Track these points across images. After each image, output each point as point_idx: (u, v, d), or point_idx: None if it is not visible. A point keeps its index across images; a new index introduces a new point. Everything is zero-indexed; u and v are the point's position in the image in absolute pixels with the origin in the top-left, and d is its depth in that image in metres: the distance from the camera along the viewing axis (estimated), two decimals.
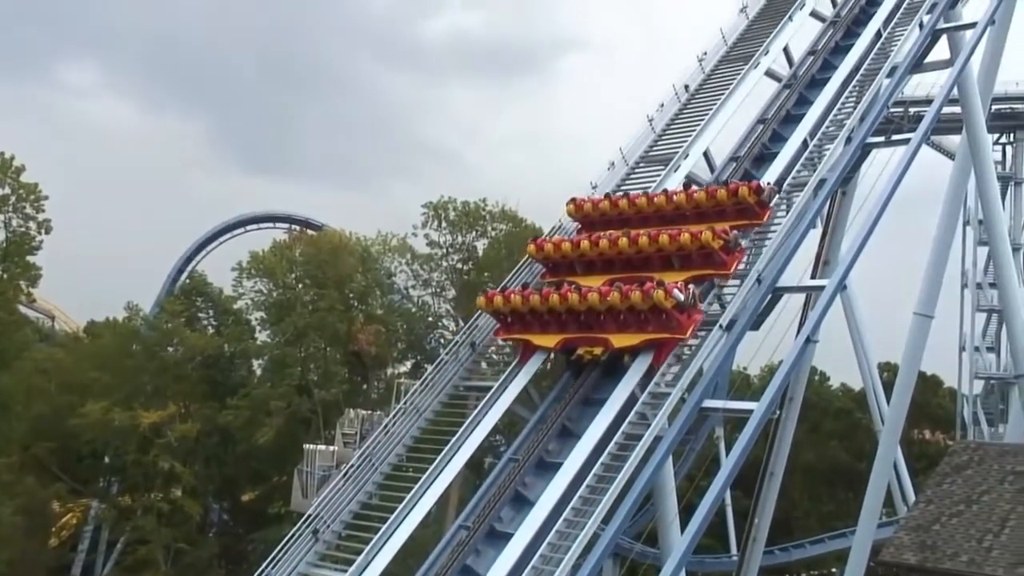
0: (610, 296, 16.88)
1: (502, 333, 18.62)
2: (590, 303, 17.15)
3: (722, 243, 17.40)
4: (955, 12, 22.95)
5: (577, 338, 17.50)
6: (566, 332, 17.64)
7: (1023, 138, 58.55)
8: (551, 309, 17.66)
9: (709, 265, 17.52)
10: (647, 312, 16.63)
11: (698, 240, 17.30)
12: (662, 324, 16.62)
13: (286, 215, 67.93)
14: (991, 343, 53.18)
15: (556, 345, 17.78)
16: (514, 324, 18.36)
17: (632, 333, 16.85)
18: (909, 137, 19.47)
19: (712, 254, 17.40)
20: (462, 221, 55.44)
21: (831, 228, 37.04)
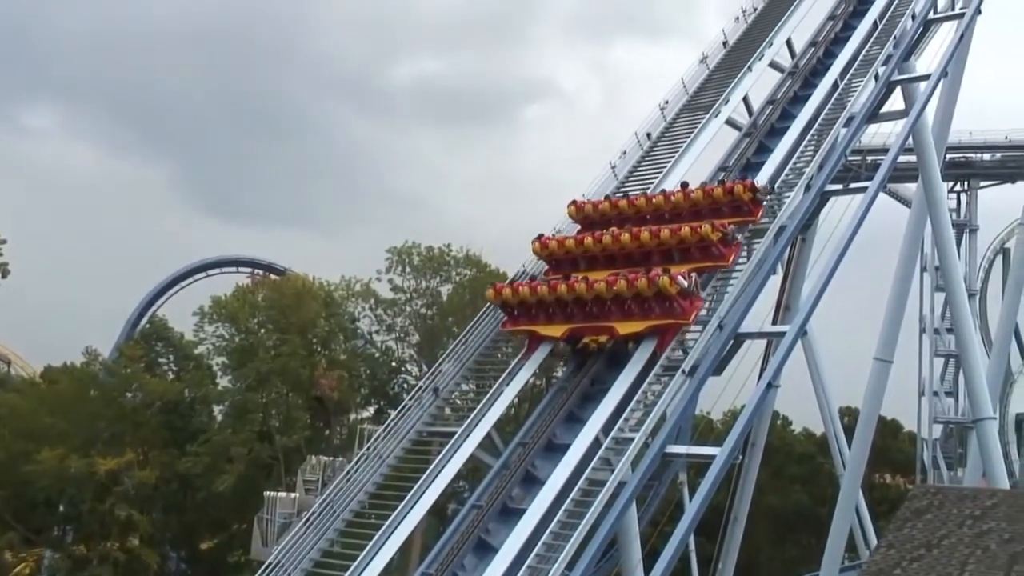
0: (616, 284, 17.44)
1: (509, 325, 19.11)
2: (597, 292, 17.68)
3: (720, 236, 18.11)
4: (909, 64, 23.49)
5: (583, 327, 18.06)
6: (572, 322, 18.20)
7: (977, 186, 59.89)
8: (558, 299, 18.18)
9: (708, 258, 18.22)
10: (652, 299, 17.22)
11: (698, 233, 18.07)
12: (666, 310, 17.27)
13: (249, 259, 67.60)
14: (949, 388, 53.82)
15: (562, 335, 18.25)
16: (520, 316, 18.95)
17: (637, 320, 17.43)
18: (866, 185, 19.81)
19: (710, 247, 18.11)
20: (426, 266, 55.41)
21: (791, 274, 37.54)
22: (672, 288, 17.07)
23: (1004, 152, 58.59)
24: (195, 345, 55.64)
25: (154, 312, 64.59)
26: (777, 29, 24.48)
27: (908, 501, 21.36)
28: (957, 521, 19.61)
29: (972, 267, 59.09)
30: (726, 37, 25.41)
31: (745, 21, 25.99)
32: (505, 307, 19.17)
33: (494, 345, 19.72)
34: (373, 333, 57.19)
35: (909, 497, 21.95)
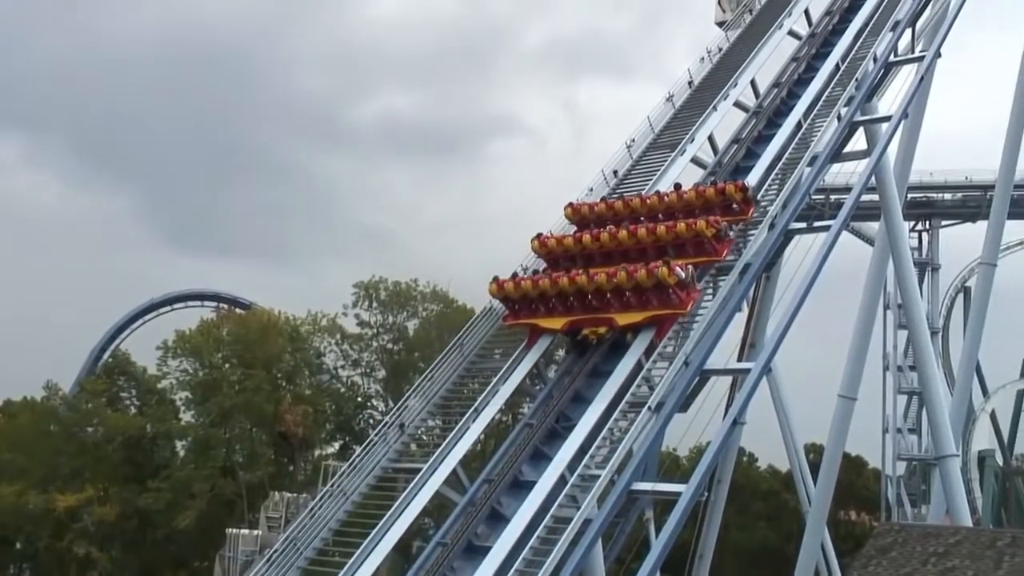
0: (617, 276, 17.94)
1: (510, 319, 19.58)
2: (598, 284, 18.18)
3: (714, 232, 18.70)
4: (871, 106, 23.83)
5: (583, 319, 18.50)
6: (572, 314, 18.67)
7: (938, 225, 60.75)
8: (559, 292, 18.59)
9: (702, 253, 18.81)
10: (650, 290, 17.78)
11: (693, 228, 18.57)
12: (664, 300, 17.82)
13: (214, 293, 67.22)
14: (912, 425, 54.28)
15: (563, 327, 18.67)
16: (522, 310, 19.32)
17: (636, 311, 17.99)
18: (830, 224, 19.99)
19: (705, 242, 18.60)
20: (393, 301, 55.35)
21: (756, 312, 37.81)
22: (671, 278, 17.60)
23: (964, 192, 59.53)
24: (158, 380, 55.12)
25: (117, 346, 64.00)
26: (741, 70, 24.80)
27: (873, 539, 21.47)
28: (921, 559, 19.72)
29: (934, 305, 59.83)
30: (691, 77, 25.72)
31: (710, 61, 26.34)
32: (507, 301, 19.56)
33: (461, 381, 19.69)
34: (339, 368, 56.97)
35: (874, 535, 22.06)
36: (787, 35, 25.92)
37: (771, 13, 26.79)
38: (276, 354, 53.40)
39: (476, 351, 19.99)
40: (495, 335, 20.24)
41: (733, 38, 26.92)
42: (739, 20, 27.91)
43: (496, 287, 19.61)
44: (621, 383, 17.22)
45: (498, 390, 18.65)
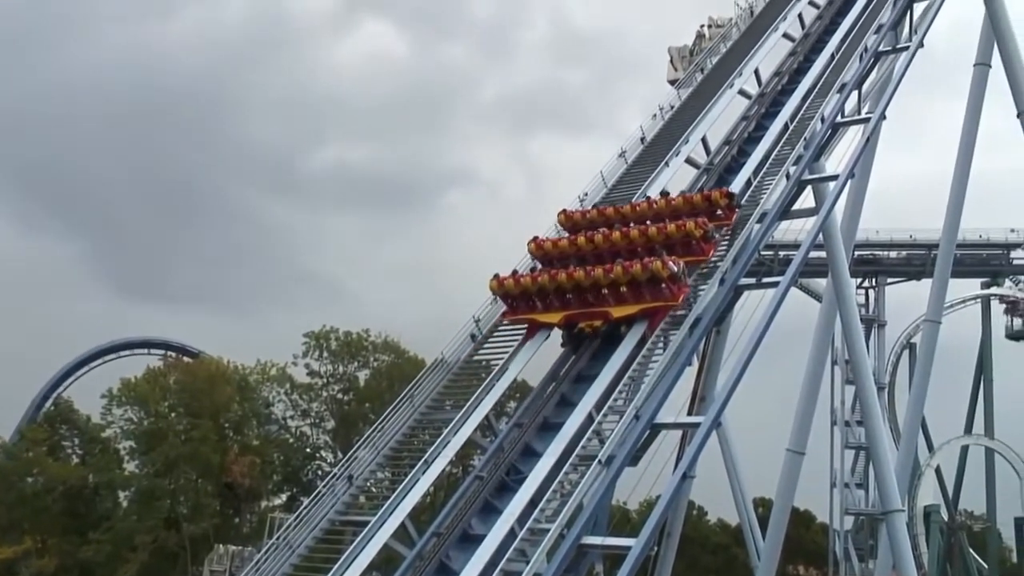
0: (613, 271, 18.84)
1: (509, 315, 20.29)
2: (595, 278, 19.00)
3: (702, 232, 19.61)
4: (819, 164, 24.29)
5: (579, 314, 19.33)
6: (568, 309, 19.49)
7: (884, 282, 61.88)
8: (557, 288, 19.46)
9: (690, 253, 19.55)
10: (644, 284, 18.67)
11: (683, 229, 19.53)
12: (657, 293, 18.72)
13: (162, 341, 66.31)
14: (860, 480, 54.70)
15: (560, 321, 19.48)
16: (520, 306, 20.05)
17: (630, 304, 18.83)
18: (778, 280, 20.26)
19: (693, 243, 19.54)
20: (344, 351, 55.11)
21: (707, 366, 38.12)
22: (664, 271, 18.51)
23: (909, 250, 60.81)
24: (102, 428, 54.17)
25: (60, 394, 62.73)
26: (693, 127, 25.16)
27: None
28: None
29: (881, 361, 60.76)
30: (644, 133, 26.03)
31: (662, 118, 26.70)
32: (506, 297, 20.29)
33: (411, 432, 19.55)
34: (288, 418, 56.48)
35: None
36: (737, 94, 26.41)
37: (722, 72, 27.29)
38: (224, 403, 52.80)
39: (427, 402, 19.88)
40: (447, 386, 20.17)
41: (685, 96, 27.31)
42: (691, 79, 28.33)
43: (496, 283, 20.28)
44: (571, 436, 17.21)
45: (449, 441, 18.55)
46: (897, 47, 27.49)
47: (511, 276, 20.27)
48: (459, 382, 19.96)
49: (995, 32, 36.85)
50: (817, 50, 27.42)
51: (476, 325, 20.75)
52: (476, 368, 20.11)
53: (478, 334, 20.47)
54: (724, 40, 29.61)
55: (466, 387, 19.68)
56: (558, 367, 19.60)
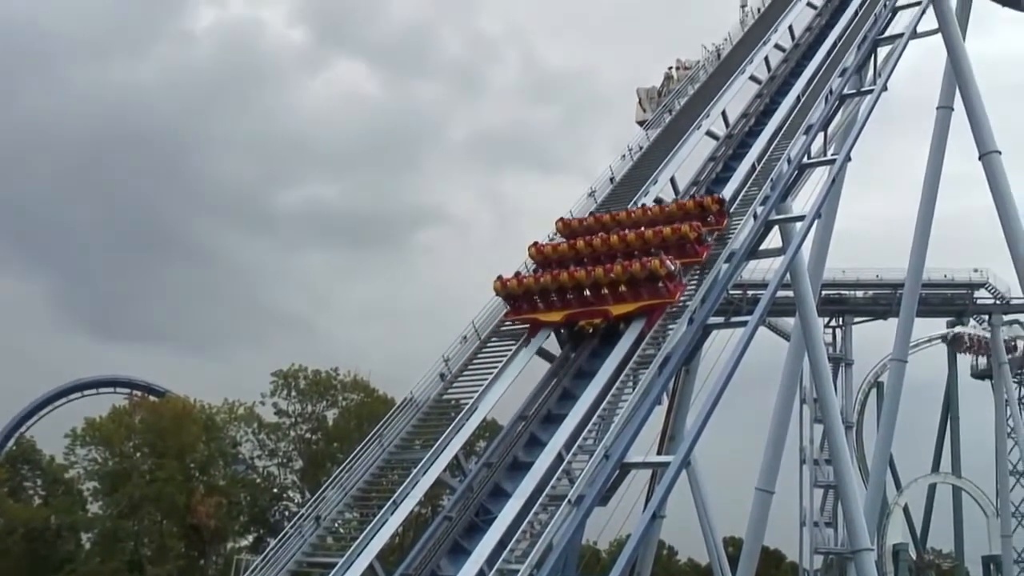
0: (613, 270, 19.58)
1: (512, 315, 20.88)
2: (596, 277, 19.77)
3: (696, 235, 20.48)
4: (786, 205, 24.55)
5: (579, 312, 20.00)
6: (569, 308, 20.18)
7: (851, 322, 62.40)
8: (559, 288, 20.21)
9: (684, 255, 20.34)
10: (642, 282, 19.43)
11: (678, 232, 20.39)
12: (655, 291, 19.45)
13: (127, 380, 65.50)
14: (829, 518, 54.74)
15: (561, 319, 20.13)
16: (522, 306, 20.68)
17: (629, 303, 19.54)
18: (747, 319, 20.40)
19: (687, 245, 20.37)
20: (312, 390, 54.73)
21: (676, 404, 38.18)
22: (662, 270, 19.30)
23: (875, 290, 61.41)
24: (65, 469, 53.37)
25: (22, 433, 61.75)
26: (661, 167, 25.35)
27: None
28: None
29: (848, 400, 61.14)
30: (613, 173, 26.20)
31: (631, 159, 26.90)
32: (509, 298, 20.91)
33: (380, 472, 19.40)
34: (255, 458, 55.82)
35: None
36: (705, 135, 26.68)
37: (690, 114, 27.58)
38: (190, 443, 52.20)
39: (396, 442, 19.75)
40: (416, 425, 20.06)
41: (653, 137, 27.58)
42: (659, 120, 28.61)
43: (500, 284, 20.91)
44: (541, 476, 17.15)
45: (418, 481, 18.42)
46: (862, 90, 27.97)
47: (514, 277, 21.06)
48: (428, 421, 19.86)
49: (957, 76, 37.50)
50: (783, 92, 27.80)
51: (445, 364, 20.68)
52: (446, 407, 20.03)
53: (447, 373, 20.41)
54: (692, 82, 29.99)
55: (435, 426, 19.60)
56: (529, 404, 19.60)
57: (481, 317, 21.46)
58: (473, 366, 20.51)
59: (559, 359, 20.64)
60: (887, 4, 30.04)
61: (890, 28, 29.72)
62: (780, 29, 30.23)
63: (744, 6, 33.55)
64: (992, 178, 34.86)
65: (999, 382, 63.01)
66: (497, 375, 19.57)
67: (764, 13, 32.05)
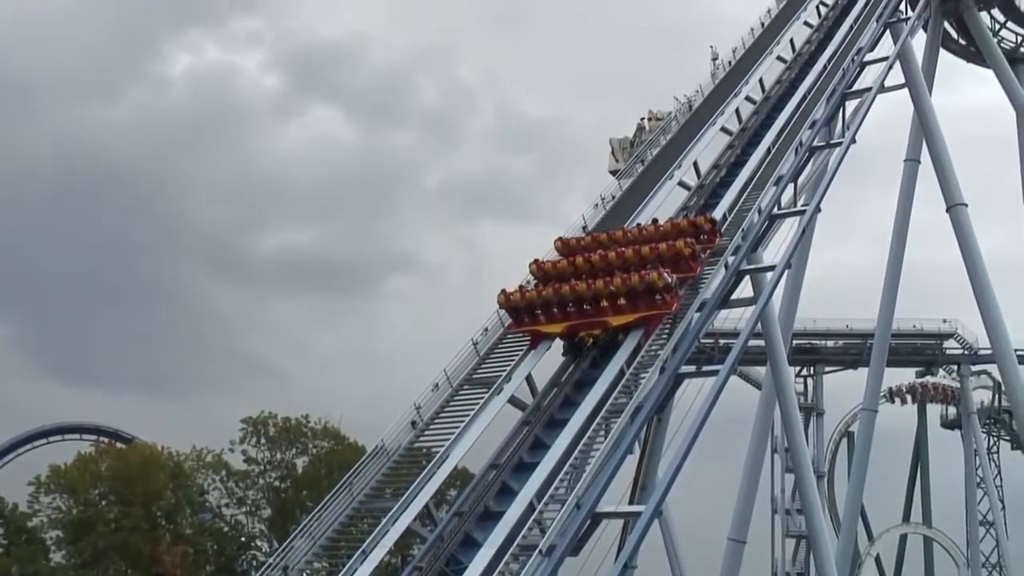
0: (613, 282, 20.43)
1: (514, 327, 21.67)
2: (596, 289, 20.56)
3: (691, 251, 21.40)
4: (757, 255, 24.76)
5: (579, 324, 20.79)
6: (570, 320, 20.94)
7: (822, 371, 62.77)
8: (560, 301, 20.98)
9: (679, 270, 21.11)
10: (640, 294, 20.25)
11: (674, 248, 21.29)
12: (652, 303, 20.26)
13: (94, 426, 64.64)
14: (801, 568, 54.67)
15: (562, 331, 20.93)
16: (524, 319, 21.45)
17: (627, 314, 20.35)
18: (718, 368, 20.46)
19: (682, 260, 21.23)
20: (282, 437, 54.22)
21: (648, 454, 38.10)
22: (660, 281, 20.12)
23: (846, 340, 61.87)
24: (28, 517, 52.32)
25: None
26: (634, 217, 25.51)
27: None
28: None
29: (819, 449, 61.34)
30: (585, 223, 26.30)
31: (604, 208, 27.07)
32: (512, 311, 21.64)
33: (349, 521, 19.19)
34: (223, 506, 55.04)
35: None
36: (677, 186, 26.92)
37: (662, 164, 27.85)
38: (157, 491, 51.41)
39: (366, 490, 19.57)
40: (387, 474, 19.90)
41: (626, 186, 27.79)
42: (631, 169, 28.86)
43: (504, 298, 21.60)
44: (512, 525, 17.03)
45: (388, 531, 18.24)
46: (831, 142, 28.37)
47: (517, 291, 21.76)
48: (399, 469, 19.71)
49: (923, 129, 38.22)
50: (754, 144, 28.18)
51: (417, 412, 20.60)
52: (417, 455, 19.89)
53: (419, 421, 20.31)
54: (664, 133, 30.27)
55: (406, 475, 19.45)
56: (500, 452, 19.52)
57: (452, 367, 21.43)
58: (445, 414, 20.44)
59: (531, 407, 20.62)
60: (855, 59, 30.59)
61: (858, 82, 30.22)
62: (751, 82, 30.71)
63: (715, 59, 33.96)
64: (959, 230, 35.42)
65: (968, 432, 63.43)
66: (468, 423, 19.48)
67: (735, 66, 32.51)
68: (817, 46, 33.60)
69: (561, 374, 21.45)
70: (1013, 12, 47.96)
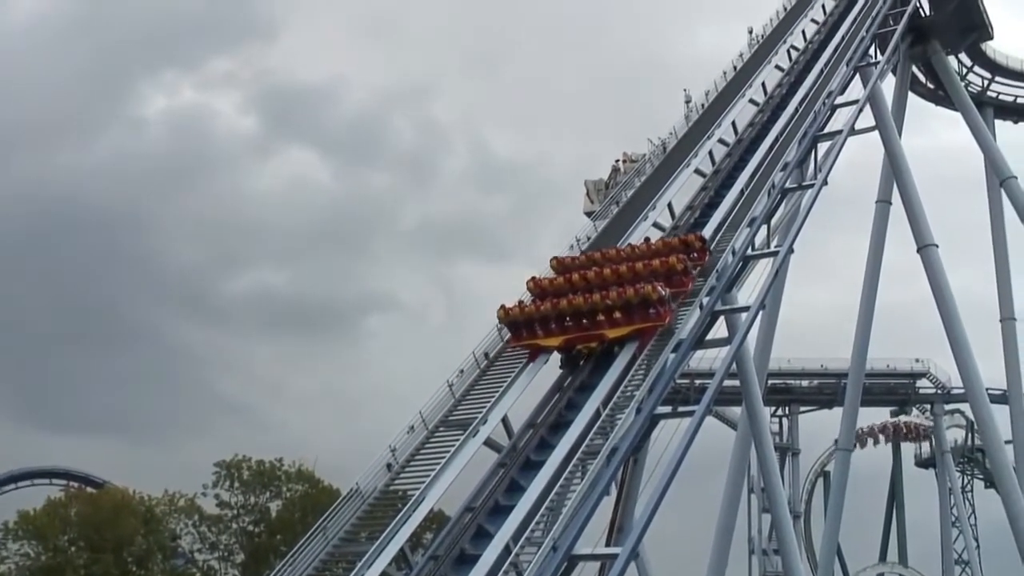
0: (610, 296, 21.23)
1: (513, 341, 22.36)
2: (593, 303, 21.38)
3: (683, 267, 22.30)
4: (731, 296, 24.89)
5: (577, 337, 21.52)
6: (567, 333, 21.68)
7: (797, 411, 62.97)
8: (558, 315, 21.76)
9: (671, 284, 21.88)
10: (636, 307, 21.06)
11: (667, 264, 22.18)
12: (647, 316, 21.05)
13: (64, 471, 63.87)
14: None
15: (560, 344, 21.65)
16: (523, 333, 22.14)
17: (623, 326, 21.13)
18: (694, 409, 20.48)
19: (675, 275, 22.07)
20: (256, 481, 53.64)
21: (624, 495, 37.98)
22: (655, 294, 20.94)
23: (820, 379, 62.15)
24: None
25: None
26: None
27: None
28: None
29: (795, 489, 61.37)
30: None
31: (579, 249, 27.17)
32: (512, 325, 22.37)
33: (324, 566, 18.98)
34: (195, 552, 54.26)
35: None
36: (652, 227, 27.08)
37: (636, 206, 28.03)
38: (128, 536, 50.63)
39: (341, 534, 19.39)
40: (362, 517, 19.73)
41: (601, 228, 27.93)
42: (606, 211, 29.04)
43: (504, 313, 22.35)
44: (489, 568, 16.90)
45: (363, 575, 18.07)
46: (803, 184, 28.69)
47: (516, 306, 22.48)
48: (374, 513, 19.54)
49: (894, 171, 38.72)
50: (727, 186, 28.42)
51: (392, 454, 20.46)
52: (392, 498, 19.74)
53: (394, 463, 20.17)
54: (638, 174, 30.52)
55: (381, 518, 19.29)
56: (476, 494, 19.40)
57: (428, 409, 21.35)
58: (420, 456, 20.30)
59: (507, 448, 20.54)
60: (826, 102, 31.01)
61: (829, 125, 30.63)
62: (724, 124, 31.03)
63: (688, 101, 34.37)
64: (930, 270, 35.81)
65: (942, 471, 63.71)
66: (444, 465, 19.37)
67: (708, 108, 32.86)
68: (788, 89, 34.05)
69: (537, 415, 21.44)
70: (979, 57, 49.06)
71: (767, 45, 36.34)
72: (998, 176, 45.55)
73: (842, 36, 36.74)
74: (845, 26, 37.73)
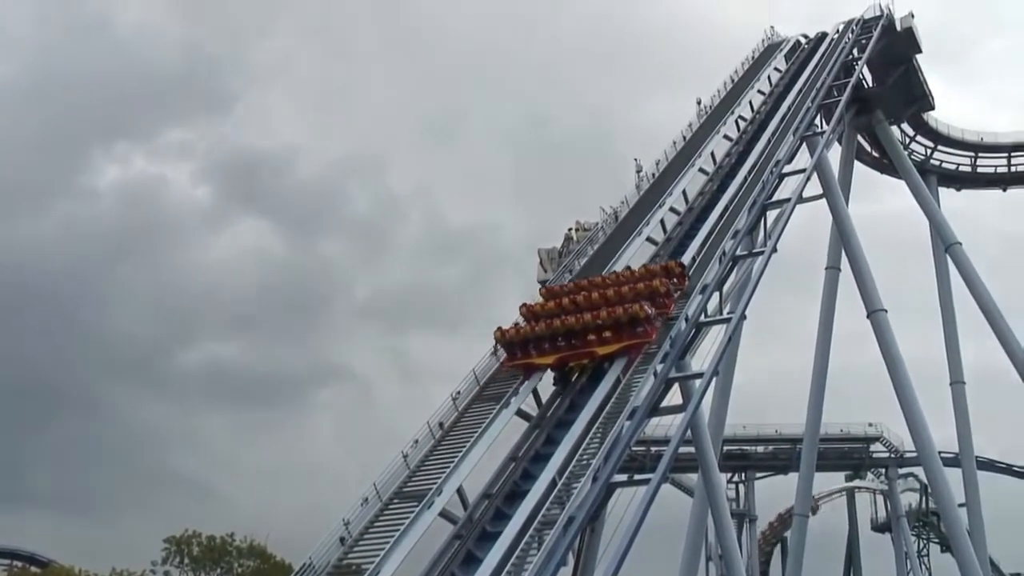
0: (601, 316, 22.70)
1: (508, 362, 23.72)
2: (585, 322, 22.86)
3: (666, 289, 23.98)
4: (685, 363, 25.01)
5: (569, 355, 23.02)
6: (560, 352, 23.11)
7: (753, 477, 63.00)
8: (552, 335, 23.14)
9: (655, 306, 23.35)
10: (624, 326, 22.53)
11: (651, 286, 23.78)
12: (634, 333, 22.53)
13: (9, 549, 62.06)
14: None
15: (553, 362, 23.08)
16: (518, 353, 23.53)
17: (613, 343, 22.57)
18: (650, 476, 20.42)
19: (658, 297, 23.63)
20: (206, 557, 52.40)
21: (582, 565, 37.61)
22: (642, 313, 22.45)
23: (775, 445, 62.33)
24: None
25: None
26: None
27: None
28: None
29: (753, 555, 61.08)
30: None
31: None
32: (508, 345, 23.70)
33: None
34: None
35: None
36: None
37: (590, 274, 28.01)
38: None
39: None
40: None
41: None
42: (560, 279, 29.16)
43: (500, 334, 23.72)
44: None
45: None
46: (753, 251, 29.07)
47: (512, 328, 23.79)
48: None
49: (842, 238, 39.35)
50: (679, 253, 28.70)
51: (345, 527, 20.13)
52: (346, 572, 19.38)
53: (348, 537, 19.83)
54: (591, 242, 30.75)
55: None
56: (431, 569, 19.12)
57: (382, 480, 21.09)
58: (374, 529, 19.98)
59: (463, 520, 20.29)
60: (774, 171, 31.56)
61: (777, 193, 31.11)
62: (675, 193, 31.48)
63: (639, 171, 34.84)
64: (880, 335, 36.25)
65: (898, 535, 63.88)
66: (399, 538, 19.06)
67: (658, 178, 33.35)
68: (737, 159, 34.69)
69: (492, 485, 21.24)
70: (922, 127, 50.43)
71: (715, 115, 37.08)
72: (944, 242, 46.54)
73: (788, 106, 37.61)
74: (791, 97, 38.67)
